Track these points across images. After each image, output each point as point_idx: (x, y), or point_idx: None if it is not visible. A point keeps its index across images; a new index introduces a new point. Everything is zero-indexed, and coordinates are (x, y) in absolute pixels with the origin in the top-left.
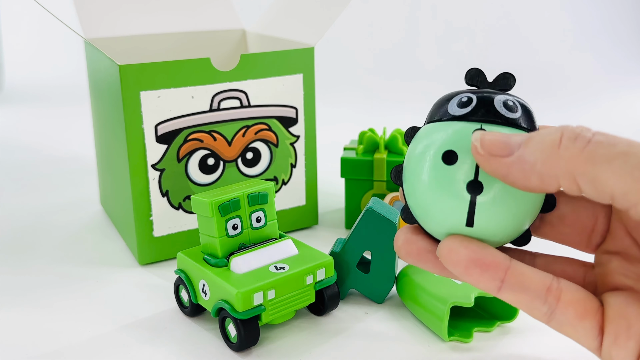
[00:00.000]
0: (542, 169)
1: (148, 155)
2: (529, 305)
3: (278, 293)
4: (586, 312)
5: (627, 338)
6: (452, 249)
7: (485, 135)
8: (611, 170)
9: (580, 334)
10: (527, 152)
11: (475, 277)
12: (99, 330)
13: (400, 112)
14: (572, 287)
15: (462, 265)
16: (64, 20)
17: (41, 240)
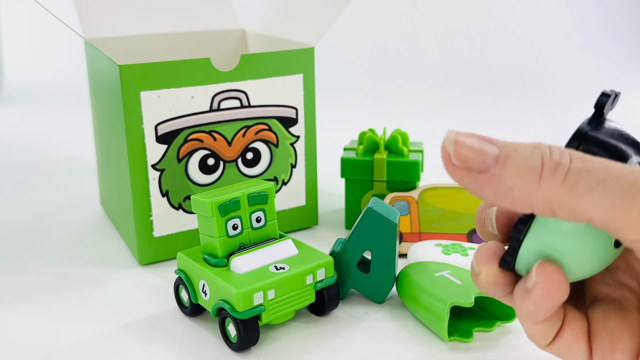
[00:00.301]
0: (518, 196)
1: (148, 155)
2: (546, 334)
3: (278, 293)
4: (580, 333)
5: (612, 350)
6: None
7: (460, 140)
8: (591, 200)
9: (574, 355)
10: (505, 174)
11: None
12: (99, 330)
13: (400, 113)
14: (569, 308)
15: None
16: (64, 20)
17: (41, 240)
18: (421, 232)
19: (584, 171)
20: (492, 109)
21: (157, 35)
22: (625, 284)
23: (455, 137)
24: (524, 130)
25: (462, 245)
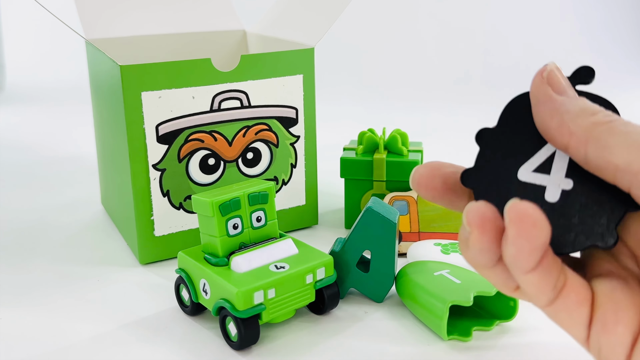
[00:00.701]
0: (568, 119)
1: (149, 155)
2: (542, 289)
3: (278, 292)
4: (585, 299)
5: (615, 323)
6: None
7: (558, 70)
8: (622, 141)
9: (575, 322)
10: (570, 102)
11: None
12: (100, 329)
13: (399, 113)
14: (574, 273)
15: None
16: (65, 21)
17: (42, 240)
18: (420, 232)
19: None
20: (492, 109)
21: (158, 36)
22: (628, 268)
23: (556, 66)
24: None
25: None
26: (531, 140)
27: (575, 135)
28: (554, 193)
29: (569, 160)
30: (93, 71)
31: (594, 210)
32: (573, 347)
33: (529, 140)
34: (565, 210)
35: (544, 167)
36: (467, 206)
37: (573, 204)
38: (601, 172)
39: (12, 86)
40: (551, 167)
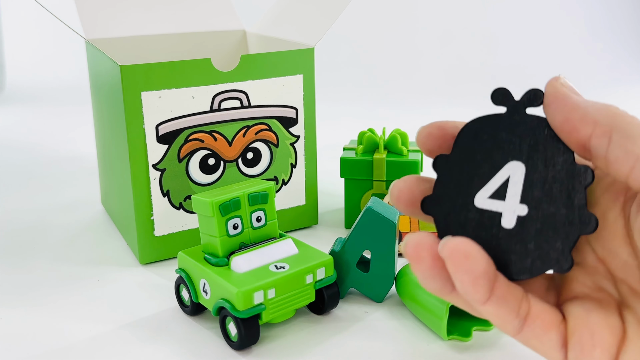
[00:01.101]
0: (592, 111)
1: (149, 155)
2: (505, 318)
3: (278, 292)
4: (552, 323)
5: (592, 347)
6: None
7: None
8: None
9: (546, 347)
10: (588, 101)
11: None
12: (100, 328)
13: (399, 113)
14: (538, 299)
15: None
16: (65, 21)
17: (42, 240)
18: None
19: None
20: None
21: (158, 36)
22: (605, 289)
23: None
24: None
25: None
26: (486, 165)
27: (599, 124)
28: (510, 219)
29: (523, 185)
30: (93, 71)
31: (549, 236)
32: None
33: (485, 165)
34: (522, 236)
35: (499, 193)
36: (406, 237)
37: (529, 229)
38: (619, 164)
39: (12, 86)
40: (506, 193)
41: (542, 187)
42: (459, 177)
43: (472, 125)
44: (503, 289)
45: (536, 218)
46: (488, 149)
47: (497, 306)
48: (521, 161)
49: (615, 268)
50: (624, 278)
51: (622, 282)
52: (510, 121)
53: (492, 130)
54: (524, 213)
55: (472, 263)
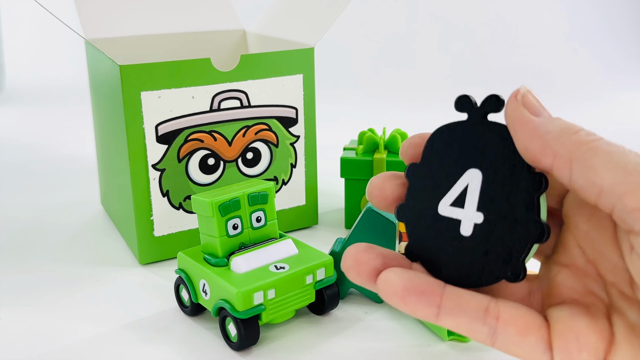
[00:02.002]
0: (551, 140)
1: (149, 155)
2: (469, 327)
3: (278, 292)
4: (528, 328)
5: (579, 350)
6: (387, 281)
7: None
8: (606, 162)
9: (527, 351)
10: (549, 123)
11: (412, 305)
12: (99, 329)
13: (399, 113)
14: (511, 305)
15: (398, 296)
16: (65, 20)
17: (42, 240)
18: None
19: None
20: None
21: (158, 36)
22: (594, 293)
23: (528, 89)
24: None
25: None
26: (449, 173)
27: (559, 155)
28: (468, 227)
29: (480, 193)
30: (93, 71)
31: (501, 245)
32: None
33: (447, 173)
34: (477, 244)
35: (459, 200)
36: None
37: (483, 238)
38: (585, 193)
39: (12, 86)
40: (465, 201)
41: (496, 195)
42: (426, 185)
43: (437, 133)
44: (454, 300)
45: (491, 226)
46: (450, 157)
47: (453, 317)
48: (479, 169)
49: (605, 271)
50: (613, 281)
51: (612, 285)
52: (470, 128)
53: (455, 138)
54: (480, 221)
55: (393, 284)
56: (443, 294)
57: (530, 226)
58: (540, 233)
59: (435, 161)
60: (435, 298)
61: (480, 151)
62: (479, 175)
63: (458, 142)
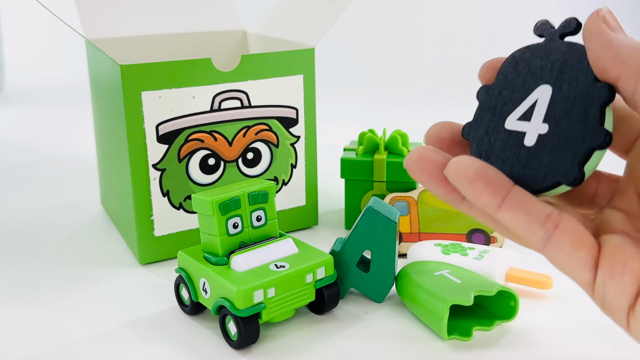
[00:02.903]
0: (623, 53)
1: (149, 155)
2: (526, 227)
3: (278, 291)
4: (582, 243)
5: (622, 272)
6: (460, 163)
7: (610, 14)
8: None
9: (574, 264)
10: (624, 38)
11: (478, 191)
12: (100, 328)
13: (400, 113)
14: (571, 219)
15: (467, 178)
16: (65, 20)
17: (42, 240)
18: (421, 232)
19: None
20: None
21: (159, 36)
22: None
23: (609, 11)
24: None
25: (462, 245)
26: (520, 91)
27: (628, 67)
28: (532, 138)
29: (548, 106)
30: (93, 71)
31: (562, 150)
32: (573, 347)
33: (518, 91)
34: (539, 152)
35: (527, 115)
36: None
37: (546, 146)
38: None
39: (12, 86)
40: (532, 114)
41: (564, 106)
42: (495, 104)
43: (513, 55)
44: (519, 197)
45: (554, 135)
46: (523, 76)
47: (514, 212)
48: (549, 84)
49: None
50: None
51: None
52: (545, 48)
53: (530, 58)
54: (544, 131)
55: (465, 167)
56: (510, 190)
57: (593, 132)
58: (602, 139)
59: (508, 81)
60: (502, 191)
61: (552, 68)
62: (549, 90)
63: (531, 62)
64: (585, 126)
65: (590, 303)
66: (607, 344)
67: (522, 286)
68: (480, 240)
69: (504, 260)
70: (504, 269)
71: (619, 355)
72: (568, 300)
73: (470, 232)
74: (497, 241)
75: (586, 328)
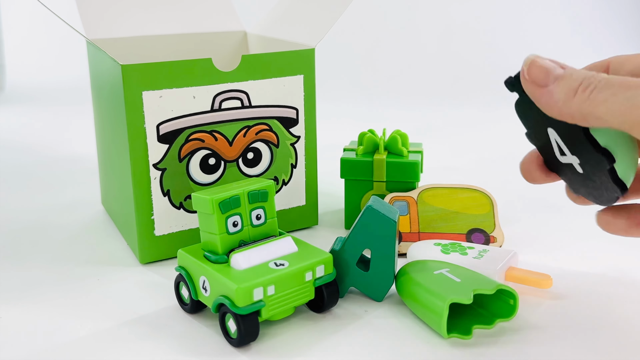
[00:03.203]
0: (561, 107)
1: (150, 154)
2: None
3: (278, 289)
4: None
5: None
6: None
7: (535, 62)
8: (606, 108)
9: None
10: (555, 90)
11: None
12: (100, 326)
13: (399, 114)
14: None
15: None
16: (66, 20)
17: (43, 240)
18: (420, 232)
19: (605, 86)
20: (491, 110)
21: (159, 37)
22: None
23: (533, 58)
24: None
25: (461, 245)
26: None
27: (575, 117)
28: (577, 167)
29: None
30: (94, 71)
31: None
32: (572, 346)
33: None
34: (589, 176)
35: (561, 150)
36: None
37: (588, 171)
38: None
39: (12, 86)
40: (563, 150)
41: (572, 142)
42: (541, 146)
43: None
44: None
45: (585, 165)
46: (533, 123)
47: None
48: (551, 127)
49: None
50: None
51: None
52: (525, 103)
53: (523, 110)
54: (578, 161)
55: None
56: None
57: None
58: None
59: (529, 127)
60: None
61: (542, 115)
62: (554, 131)
63: (527, 113)
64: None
65: (589, 302)
66: (606, 344)
67: (522, 285)
68: (480, 240)
69: (503, 259)
70: (503, 268)
71: (618, 354)
72: (567, 300)
73: (470, 232)
74: (497, 241)
75: (585, 327)
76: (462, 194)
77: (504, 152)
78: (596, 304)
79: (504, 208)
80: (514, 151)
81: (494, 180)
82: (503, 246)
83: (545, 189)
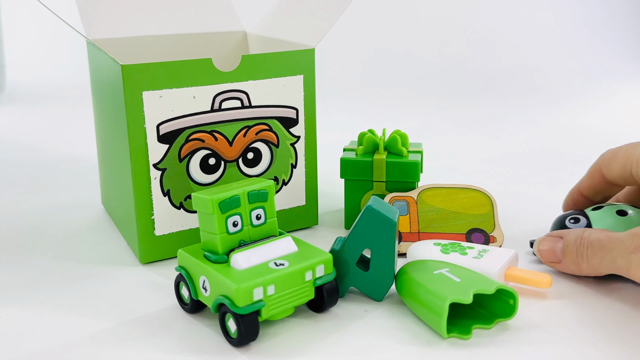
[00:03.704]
0: (580, 272)
1: (150, 154)
2: None
3: (278, 289)
4: None
5: None
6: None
7: (539, 246)
8: (605, 269)
9: None
10: (568, 263)
11: None
12: (100, 326)
13: (399, 113)
14: None
15: None
16: (66, 20)
17: (43, 240)
18: (420, 232)
19: (591, 254)
20: (491, 110)
21: (160, 37)
22: None
23: (538, 245)
24: (523, 131)
25: (461, 245)
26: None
27: (592, 274)
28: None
29: None
30: (94, 71)
31: None
32: (572, 346)
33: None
34: None
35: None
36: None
37: None
38: None
39: (13, 86)
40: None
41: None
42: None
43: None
44: None
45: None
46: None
47: None
48: None
49: None
50: None
51: None
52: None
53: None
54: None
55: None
56: None
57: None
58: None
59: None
60: None
61: None
62: None
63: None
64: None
65: (589, 302)
66: (606, 343)
67: (522, 285)
68: (480, 239)
69: (503, 259)
70: (503, 268)
71: (618, 354)
72: (567, 299)
73: (470, 232)
74: (497, 241)
75: (585, 327)
76: (462, 194)
77: (504, 152)
78: (596, 304)
79: (504, 208)
80: (514, 151)
81: (494, 180)
82: (503, 246)
83: (545, 189)
